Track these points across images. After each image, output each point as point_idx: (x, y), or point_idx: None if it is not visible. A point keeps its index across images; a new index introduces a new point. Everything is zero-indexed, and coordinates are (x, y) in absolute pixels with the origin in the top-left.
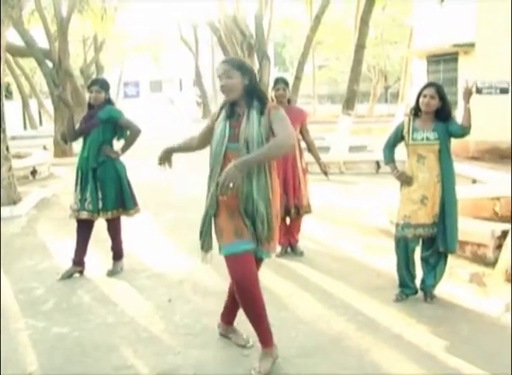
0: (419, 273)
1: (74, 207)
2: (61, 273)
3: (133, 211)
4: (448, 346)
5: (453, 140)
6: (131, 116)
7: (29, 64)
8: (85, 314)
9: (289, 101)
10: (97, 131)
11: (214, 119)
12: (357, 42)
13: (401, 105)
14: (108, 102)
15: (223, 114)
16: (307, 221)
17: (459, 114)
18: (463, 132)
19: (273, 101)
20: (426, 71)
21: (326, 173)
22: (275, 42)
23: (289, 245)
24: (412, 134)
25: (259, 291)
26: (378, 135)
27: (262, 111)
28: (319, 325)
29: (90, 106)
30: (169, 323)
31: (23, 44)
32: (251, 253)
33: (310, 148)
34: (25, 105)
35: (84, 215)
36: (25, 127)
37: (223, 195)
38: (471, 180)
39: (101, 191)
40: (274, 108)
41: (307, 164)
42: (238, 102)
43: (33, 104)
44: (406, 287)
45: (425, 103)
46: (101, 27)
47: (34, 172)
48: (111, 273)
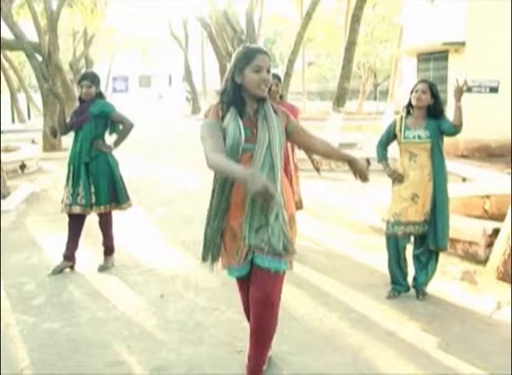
0: (411, 271)
1: (66, 202)
2: (51, 268)
3: (126, 205)
4: (440, 343)
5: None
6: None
7: (17, 57)
8: (76, 309)
9: (281, 97)
10: (89, 126)
11: (220, 117)
12: (349, 39)
13: (390, 103)
14: (100, 97)
15: (232, 112)
16: (298, 218)
17: (449, 112)
18: (454, 130)
19: None
20: (416, 69)
21: (318, 170)
22: (265, 38)
23: None
24: (404, 133)
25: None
26: (367, 132)
27: (275, 109)
28: (312, 322)
29: (81, 101)
30: (162, 319)
31: (13, 37)
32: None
33: None
34: (13, 99)
35: (77, 209)
36: (13, 121)
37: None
38: (462, 179)
39: (94, 186)
40: (286, 114)
41: (297, 161)
42: (248, 99)
43: (21, 98)
44: (398, 285)
45: (417, 97)
46: (91, 21)
47: (23, 166)
48: (102, 269)
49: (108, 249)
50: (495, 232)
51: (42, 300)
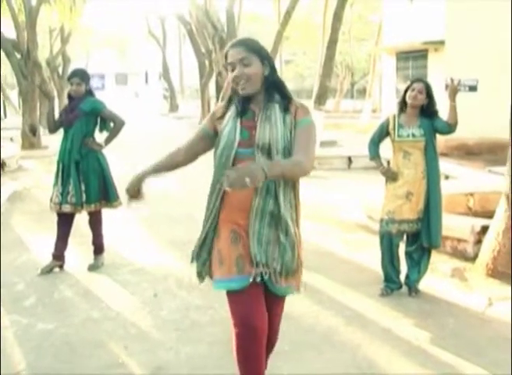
0: (403, 268)
1: (56, 200)
2: (40, 268)
3: (117, 203)
4: (435, 339)
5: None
6: None
7: None
8: (69, 309)
9: None
10: (79, 123)
11: (216, 117)
12: (330, 38)
13: (368, 101)
14: (89, 94)
15: (232, 111)
16: None
17: None
18: (449, 129)
19: None
20: (395, 68)
21: None
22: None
23: None
24: (398, 131)
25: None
26: (345, 131)
27: (286, 108)
28: (308, 320)
29: (70, 98)
30: (157, 319)
31: None
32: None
33: None
34: None
35: (67, 208)
36: None
37: (231, 187)
38: (444, 176)
39: (85, 184)
40: (303, 109)
41: None
42: (253, 98)
43: None
44: (391, 282)
45: (413, 96)
46: (69, 19)
47: (3, 164)
48: (92, 268)
49: (98, 248)
50: (483, 229)
51: (33, 300)
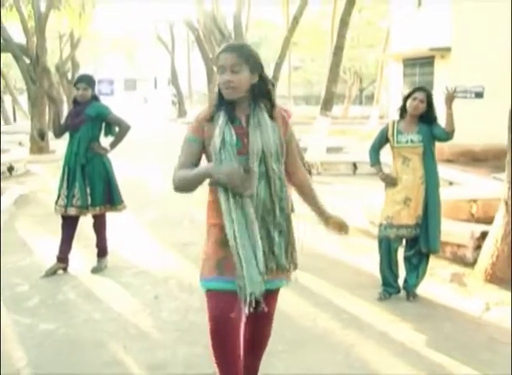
0: (402, 273)
1: (61, 203)
2: (44, 270)
3: (121, 206)
4: (431, 343)
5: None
6: None
7: (3, 60)
8: (71, 311)
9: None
10: (85, 128)
11: (206, 119)
12: (336, 44)
13: (376, 107)
14: (95, 99)
15: (222, 118)
16: None
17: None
18: (447, 136)
19: None
20: (402, 74)
21: (310, 173)
22: (251, 42)
23: None
24: (397, 137)
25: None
26: (353, 136)
27: (272, 114)
28: (305, 322)
29: (75, 103)
30: (157, 320)
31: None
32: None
33: None
34: None
35: (73, 211)
36: None
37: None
38: (448, 183)
39: (90, 187)
40: (287, 114)
41: None
42: (238, 103)
43: (7, 100)
44: (389, 286)
45: (414, 106)
46: (79, 24)
47: (11, 168)
48: (95, 270)
49: (102, 251)
50: (482, 235)
51: (36, 301)
